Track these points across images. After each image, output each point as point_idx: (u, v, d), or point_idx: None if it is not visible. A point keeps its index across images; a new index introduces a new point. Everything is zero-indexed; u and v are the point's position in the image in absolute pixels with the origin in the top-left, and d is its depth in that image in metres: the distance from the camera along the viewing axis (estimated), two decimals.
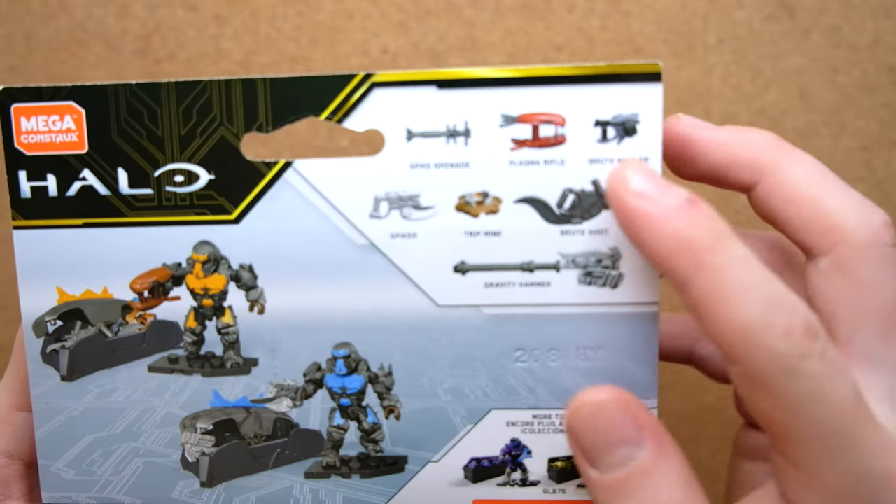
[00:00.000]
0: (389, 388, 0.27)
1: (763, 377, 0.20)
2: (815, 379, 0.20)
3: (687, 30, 0.36)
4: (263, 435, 0.27)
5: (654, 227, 0.21)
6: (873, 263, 0.22)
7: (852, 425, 0.20)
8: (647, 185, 0.22)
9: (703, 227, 0.21)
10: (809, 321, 0.20)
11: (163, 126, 0.26)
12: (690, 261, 0.21)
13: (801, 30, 0.36)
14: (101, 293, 0.27)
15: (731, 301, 0.20)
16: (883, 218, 0.23)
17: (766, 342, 0.20)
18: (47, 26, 0.38)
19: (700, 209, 0.21)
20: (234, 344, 0.27)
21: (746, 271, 0.21)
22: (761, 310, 0.20)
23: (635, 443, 0.23)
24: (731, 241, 0.21)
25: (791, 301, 0.20)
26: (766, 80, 0.37)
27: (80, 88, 0.26)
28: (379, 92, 0.25)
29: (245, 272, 0.26)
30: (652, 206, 0.22)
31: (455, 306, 0.26)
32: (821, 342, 0.20)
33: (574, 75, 0.24)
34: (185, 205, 0.26)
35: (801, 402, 0.20)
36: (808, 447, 0.21)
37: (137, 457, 0.27)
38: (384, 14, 0.36)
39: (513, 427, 0.26)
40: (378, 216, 0.26)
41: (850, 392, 0.20)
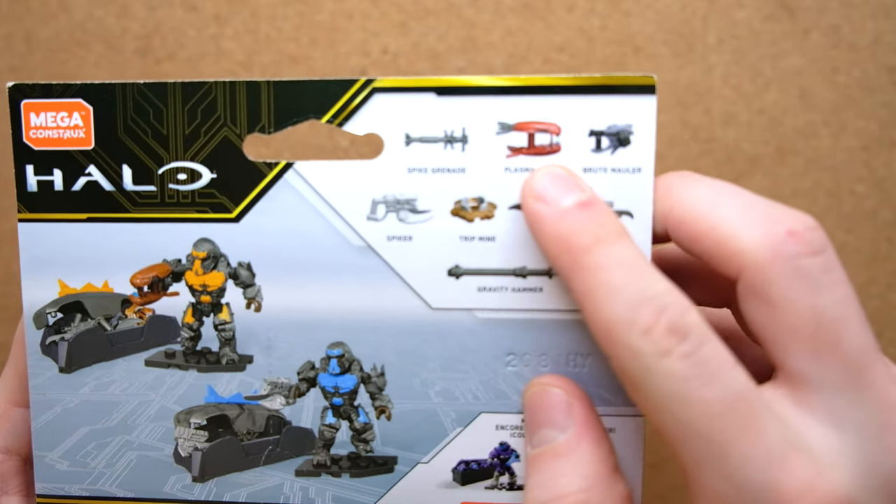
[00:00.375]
0: (381, 389, 0.27)
1: (629, 374, 0.21)
2: (675, 378, 0.20)
3: (687, 30, 0.36)
4: (256, 432, 0.28)
5: (544, 228, 0.23)
6: (780, 280, 0.21)
7: (724, 430, 0.20)
8: (548, 187, 0.23)
9: (584, 229, 0.22)
10: (679, 321, 0.20)
11: (168, 125, 0.26)
12: (569, 260, 0.22)
13: (801, 30, 0.36)
14: (102, 287, 0.27)
15: (599, 300, 0.21)
16: (786, 227, 0.21)
17: (626, 340, 0.21)
18: (47, 26, 0.38)
19: (589, 211, 0.22)
20: (230, 340, 0.27)
21: (618, 272, 0.21)
22: (625, 309, 0.21)
23: (560, 428, 0.24)
24: (612, 242, 0.22)
25: (663, 301, 0.21)
26: (766, 80, 0.37)
27: (88, 86, 0.26)
28: (379, 97, 0.25)
29: (243, 270, 0.27)
30: (544, 209, 0.23)
31: (448, 309, 0.26)
32: (690, 343, 0.20)
33: (570, 85, 0.25)
34: (187, 202, 0.27)
35: (663, 400, 0.21)
36: (681, 448, 0.21)
37: (131, 450, 0.28)
38: (384, 14, 0.36)
39: (502, 430, 0.27)
40: (375, 218, 0.26)
41: (724, 396, 0.20)
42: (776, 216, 0.22)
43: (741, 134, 0.37)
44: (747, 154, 0.37)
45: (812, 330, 0.21)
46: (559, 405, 0.24)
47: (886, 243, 0.37)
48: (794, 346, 0.21)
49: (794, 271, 0.21)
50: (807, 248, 0.21)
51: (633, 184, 0.25)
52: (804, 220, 0.22)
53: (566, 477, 0.23)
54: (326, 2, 0.36)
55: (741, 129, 0.37)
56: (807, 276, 0.21)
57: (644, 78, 0.25)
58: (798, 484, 0.20)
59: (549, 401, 0.25)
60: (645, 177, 0.25)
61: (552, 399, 0.25)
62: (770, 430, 0.20)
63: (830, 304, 0.21)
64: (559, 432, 0.24)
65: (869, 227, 0.37)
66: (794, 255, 0.21)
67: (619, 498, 0.23)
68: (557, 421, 0.24)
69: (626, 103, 0.25)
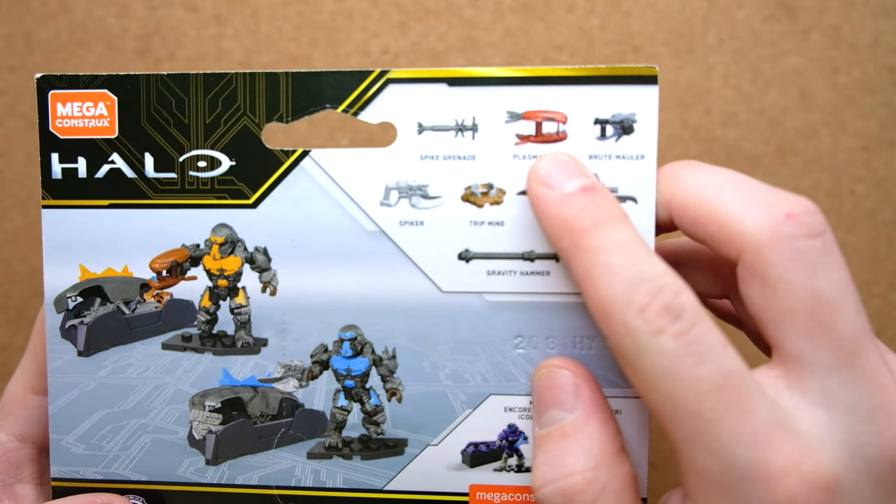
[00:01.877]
0: (393, 371, 0.27)
1: (623, 352, 0.22)
2: (667, 356, 0.21)
3: (687, 30, 0.36)
4: (269, 414, 0.28)
5: (547, 211, 0.24)
6: (779, 261, 0.21)
7: (714, 408, 0.20)
8: (553, 173, 0.24)
9: (585, 212, 0.23)
10: (673, 301, 0.21)
11: (189, 114, 0.27)
12: (570, 242, 0.23)
13: (801, 30, 0.36)
14: (122, 271, 0.28)
15: (598, 280, 0.22)
16: (785, 210, 0.22)
17: (621, 318, 0.21)
18: (47, 26, 0.38)
19: (592, 196, 0.23)
20: (245, 324, 0.28)
21: (617, 254, 0.22)
22: (621, 288, 0.21)
23: (568, 408, 0.25)
24: (612, 225, 0.23)
25: (658, 283, 0.21)
26: (765, 80, 0.37)
27: (114, 77, 0.27)
28: (393, 87, 0.26)
29: (260, 255, 0.27)
30: (548, 193, 0.24)
31: (458, 293, 0.27)
32: (683, 323, 0.21)
33: (576, 76, 0.26)
34: (207, 189, 0.27)
35: (655, 378, 0.21)
36: (672, 426, 0.21)
37: (146, 433, 0.28)
38: (384, 14, 0.36)
39: (510, 413, 0.27)
40: (388, 204, 0.27)
41: (714, 374, 0.21)
42: (776, 199, 0.22)
43: (741, 134, 0.37)
44: (747, 154, 0.37)
45: (809, 311, 0.21)
46: (567, 386, 0.25)
47: (886, 243, 0.37)
48: (791, 327, 0.22)
49: (792, 252, 0.21)
50: (805, 230, 0.22)
51: (637, 170, 0.26)
52: (803, 203, 0.22)
53: (573, 456, 0.24)
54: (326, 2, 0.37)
55: (741, 129, 0.37)
56: (805, 257, 0.21)
57: (646, 69, 0.26)
58: (784, 462, 0.20)
59: (557, 382, 0.25)
60: (648, 163, 0.26)
61: (560, 380, 0.25)
62: (759, 409, 0.21)
63: (827, 286, 0.21)
64: (567, 413, 0.24)
65: (869, 226, 0.37)
66: (792, 237, 0.21)
67: (624, 477, 0.23)
68: (565, 402, 0.25)
69: (629, 93, 0.26)
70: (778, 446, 0.20)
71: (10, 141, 0.39)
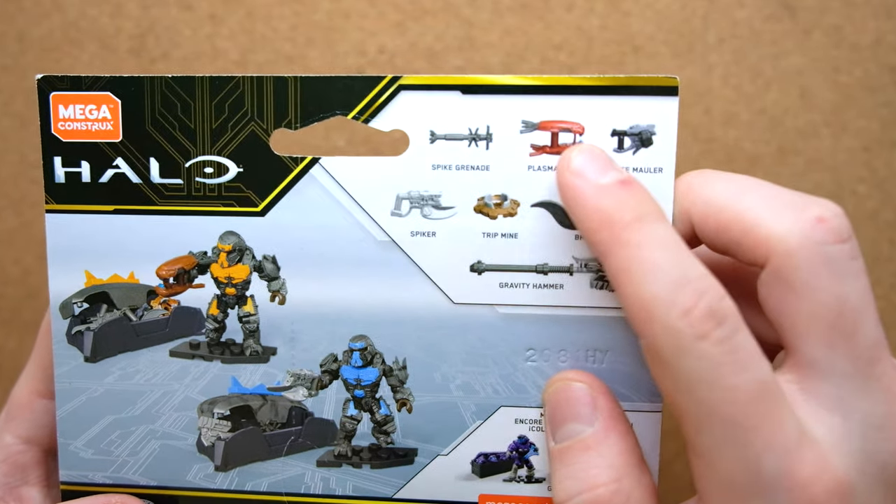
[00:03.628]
0: (403, 382, 0.27)
1: (661, 353, 0.21)
2: (708, 362, 0.20)
3: (687, 29, 0.36)
4: (278, 422, 0.28)
5: (584, 203, 0.23)
6: (807, 267, 0.21)
7: (749, 417, 0.20)
8: (587, 165, 0.23)
9: (626, 206, 0.22)
10: (717, 306, 0.21)
11: (195, 119, 0.26)
12: (609, 236, 0.22)
13: (801, 29, 0.36)
14: (128, 278, 0.27)
15: (640, 276, 0.21)
16: (814, 214, 0.22)
17: (664, 319, 0.21)
18: (40, 25, 0.38)
19: (630, 189, 0.22)
20: (254, 332, 0.27)
21: (660, 250, 0.21)
22: (666, 288, 0.21)
23: (587, 421, 0.24)
24: (653, 221, 0.22)
25: (702, 285, 0.21)
26: (766, 80, 0.36)
27: (117, 79, 0.26)
28: (405, 94, 0.26)
29: (268, 263, 0.27)
30: (584, 184, 0.23)
31: (470, 304, 0.26)
32: (726, 329, 0.21)
33: (594, 85, 0.25)
34: (214, 196, 0.27)
35: (692, 382, 0.21)
36: (700, 431, 0.21)
37: (154, 439, 0.28)
38: (381, 14, 0.36)
39: (521, 424, 0.27)
40: (399, 214, 0.26)
41: (752, 384, 0.20)
42: (802, 203, 0.22)
43: (741, 134, 0.36)
44: (748, 154, 0.37)
45: (833, 318, 0.21)
46: (584, 399, 0.25)
47: (888, 244, 0.37)
48: (812, 333, 0.22)
49: (821, 258, 0.21)
50: (835, 236, 0.21)
51: (655, 184, 0.25)
52: (831, 207, 0.22)
53: (597, 468, 0.24)
54: (323, 1, 0.36)
55: (741, 129, 0.36)
56: (834, 263, 0.21)
57: (667, 79, 0.25)
58: (810, 472, 0.21)
59: (573, 395, 0.25)
60: (666, 177, 0.25)
61: (577, 393, 0.25)
62: (789, 419, 0.21)
63: (853, 293, 0.21)
64: (586, 426, 0.24)
65: (871, 228, 0.37)
66: (822, 242, 0.21)
67: (647, 488, 0.24)
68: (583, 415, 0.25)
69: (648, 104, 0.25)
70: (804, 456, 0.21)
71: (3, 140, 0.39)
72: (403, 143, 0.26)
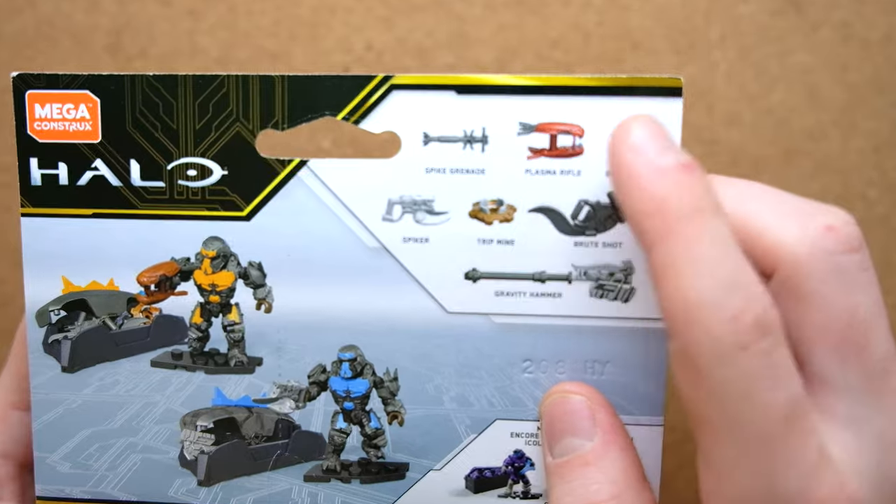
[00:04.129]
0: (394, 394, 0.26)
1: (697, 358, 0.20)
2: (748, 374, 0.19)
3: (688, 25, 0.35)
4: (264, 435, 0.27)
5: (638, 184, 0.21)
6: (817, 276, 0.21)
7: (777, 437, 0.20)
8: (647, 141, 0.21)
9: (685, 194, 0.20)
10: (764, 316, 0.20)
11: (178, 119, 0.26)
12: (662, 224, 0.20)
13: (809, 25, 0.35)
14: (108, 285, 0.27)
15: (688, 272, 0.20)
16: (823, 222, 0.21)
17: (708, 322, 0.19)
18: (12, 21, 0.37)
19: (692, 176, 0.21)
20: (239, 342, 0.27)
21: (715, 248, 0.20)
22: (714, 288, 0.19)
23: (586, 435, 0.24)
24: (712, 216, 0.20)
25: (753, 291, 0.20)
26: (772, 79, 0.36)
27: (96, 77, 0.26)
28: (397, 94, 0.25)
29: (254, 270, 0.26)
30: (642, 162, 0.21)
31: (464, 313, 0.26)
32: (769, 341, 0.20)
33: (594, 86, 0.24)
34: (197, 199, 0.26)
35: (727, 393, 0.20)
36: (723, 444, 0.20)
37: (135, 452, 0.27)
38: (368, 8, 0.35)
39: (517, 438, 0.26)
40: (391, 219, 0.25)
41: (785, 401, 0.20)
42: (811, 210, 0.21)
43: (746, 135, 0.36)
44: (752, 156, 0.36)
45: (843, 330, 0.21)
46: (583, 412, 0.24)
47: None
48: (822, 346, 0.21)
49: (831, 268, 0.21)
50: (845, 245, 0.21)
51: None
52: (842, 215, 0.21)
53: (597, 484, 0.23)
54: None
55: (746, 130, 0.36)
56: (844, 273, 0.21)
57: (670, 80, 0.24)
58: (826, 493, 0.20)
59: (571, 408, 0.24)
60: None
61: (575, 406, 0.24)
62: (813, 438, 0.20)
63: (864, 305, 0.21)
64: (585, 440, 0.24)
65: (881, 233, 0.36)
66: (832, 252, 0.21)
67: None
68: (582, 428, 0.24)
69: (650, 106, 0.24)
70: (822, 476, 0.20)
71: None
72: (395, 146, 0.25)
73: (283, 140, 0.35)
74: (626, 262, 0.25)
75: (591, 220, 0.25)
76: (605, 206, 0.25)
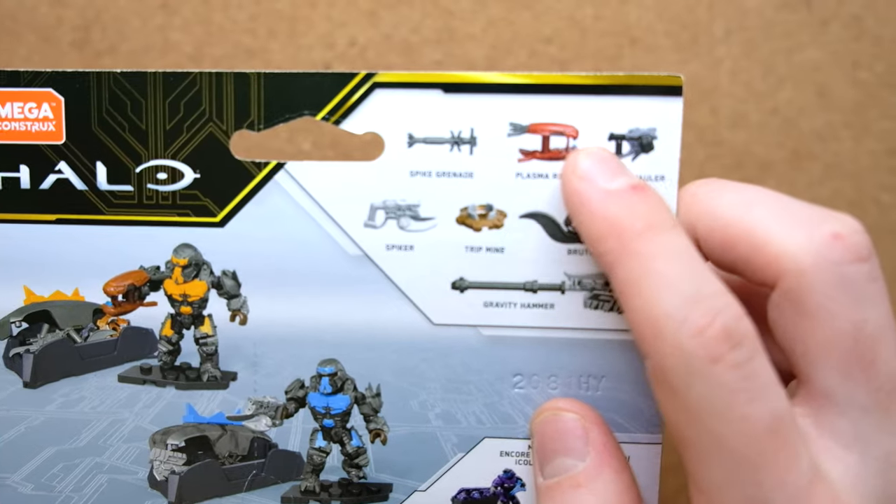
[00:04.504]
0: (377, 410, 0.26)
1: (668, 375, 0.20)
2: (720, 388, 0.19)
3: (691, 20, 0.35)
4: (239, 455, 0.26)
5: (589, 209, 0.22)
6: (822, 288, 0.20)
7: (761, 452, 0.19)
8: (594, 169, 0.22)
9: (637, 213, 0.21)
10: (735, 327, 0.19)
11: (147, 119, 0.25)
12: (617, 245, 0.21)
13: (818, 20, 0.35)
14: (72, 295, 0.26)
15: (649, 290, 0.20)
16: (831, 230, 0.21)
17: (674, 337, 0.19)
18: None
19: (642, 195, 0.21)
20: (212, 355, 0.26)
21: (674, 263, 0.20)
22: (677, 303, 0.19)
23: (578, 456, 0.23)
24: (667, 230, 0.21)
25: (718, 303, 0.20)
26: (779, 77, 0.35)
27: (60, 75, 0.25)
28: (380, 93, 0.24)
29: (228, 279, 0.25)
30: (590, 189, 0.22)
31: (451, 325, 0.25)
32: (742, 352, 0.19)
33: (589, 84, 0.24)
34: (168, 204, 0.25)
35: (702, 410, 0.19)
36: (706, 464, 0.20)
37: (102, 472, 0.26)
38: (351, 2, 0.34)
39: (507, 457, 0.26)
40: (373, 225, 0.25)
41: (766, 415, 0.19)
42: (818, 218, 0.21)
43: (752, 136, 0.36)
44: (758, 159, 0.36)
45: (849, 345, 0.20)
46: (575, 431, 0.24)
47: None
48: (827, 362, 0.20)
49: (837, 279, 0.20)
50: (852, 254, 0.20)
51: None
52: (849, 222, 0.21)
53: None
54: None
55: (752, 131, 0.36)
56: (851, 285, 0.20)
57: (670, 78, 0.24)
58: None
59: (563, 427, 0.24)
60: (669, 185, 0.24)
61: (567, 425, 0.24)
62: (803, 456, 0.20)
63: (872, 319, 0.20)
64: (577, 460, 0.23)
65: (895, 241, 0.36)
66: (838, 262, 0.20)
67: None
68: (574, 448, 0.23)
69: (649, 105, 0.24)
70: (816, 497, 0.19)
71: None
72: (378, 147, 0.25)
73: (259, 141, 0.34)
74: None
75: None
76: None
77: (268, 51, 0.35)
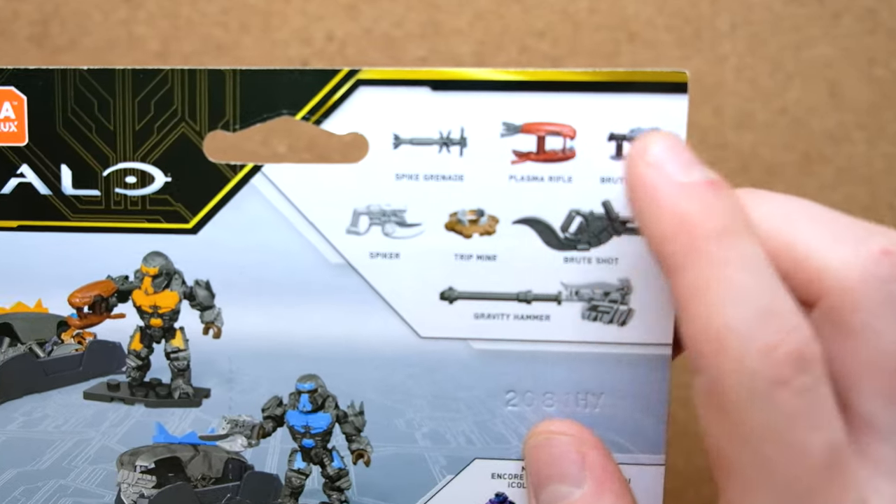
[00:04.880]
0: (360, 430, 0.25)
1: (726, 395, 0.19)
2: (784, 415, 0.19)
3: (694, 13, 0.34)
4: (212, 477, 0.26)
5: (659, 203, 0.20)
6: (868, 306, 0.20)
7: (815, 488, 0.19)
8: (667, 157, 0.21)
9: (713, 213, 0.20)
10: (805, 350, 0.19)
11: (115, 119, 0.25)
12: (687, 246, 0.20)
13: (830, 13, 0.35)
14: (35, 306, 0.26)
15: (718, 299, 0.19)
16: (879, 246, 0.20)
17: (739, 354, 0.19)
18: None
19: (720, 193, 0.20)
20: (183, 371, 0.26)
21: (748, 272, 0.19)
22: (748, 317, 0.19)
23: (575, 482, 0.23)
24: (743, 236, 0.20)
25: (791, 321, 0.19)
26: (788, 74, 0.35)
27: (22, 72, 0.24)
28: (364, 91, 0.24)
29: (201, 289, 0.25)
30: (661, 179, 0.21)
31: (440, 339, 0.25)
32: (809, 377, 0.19)
33: (586, 81, 0.24)
34: (137, 210, 0.25)
35: (758, 435, 0.19)
36: (752, 493, 0.19)
37: (66, 496, 0.26)
38: None
39: (499, 479, 0.25)
40: (357, 232, 0.25)
41: (824, 445, 0.19)
42: (864, 233, 0.20)
43: (759, 138, 0.35)
44: (766, 162, 0.35)
45: (893, 367, 0.20)
46: (570, 455, 0.23)
47: None
48: (869, 385, 0.20)
49: (885, 297, 0.20)
50: None
51: None
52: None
53: None
54: None
55: (759, 133, 0.35)
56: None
57: (674, 74, 0.23)
58: None
59: (557, 451, 0.23)
60: None
61: (561, 448, 0.23)
62: (852, 490, 0.19)
63: None
64: (573, 487, 0.23)
65: None
66: (887, 279, 0.20)
67: None
68: (570, 474, 0.23)
69: (651, 104, 0.23)
70: None
71: None
72: (362, 149, 0.24)
73: (234, 143, 0.33)
74: (623, 280, 0.24)
75: (583, 232, 0.24)
76: (600, 216, 0.24)
77: (240, 46, 0.35)
